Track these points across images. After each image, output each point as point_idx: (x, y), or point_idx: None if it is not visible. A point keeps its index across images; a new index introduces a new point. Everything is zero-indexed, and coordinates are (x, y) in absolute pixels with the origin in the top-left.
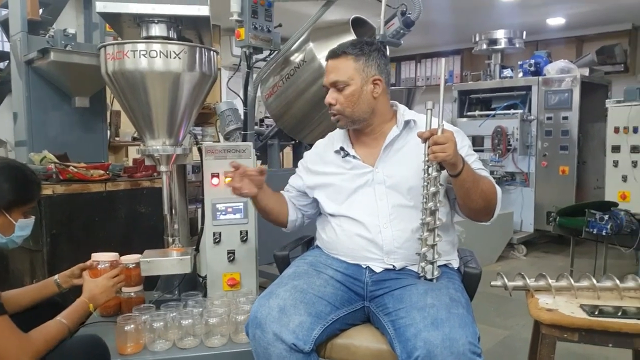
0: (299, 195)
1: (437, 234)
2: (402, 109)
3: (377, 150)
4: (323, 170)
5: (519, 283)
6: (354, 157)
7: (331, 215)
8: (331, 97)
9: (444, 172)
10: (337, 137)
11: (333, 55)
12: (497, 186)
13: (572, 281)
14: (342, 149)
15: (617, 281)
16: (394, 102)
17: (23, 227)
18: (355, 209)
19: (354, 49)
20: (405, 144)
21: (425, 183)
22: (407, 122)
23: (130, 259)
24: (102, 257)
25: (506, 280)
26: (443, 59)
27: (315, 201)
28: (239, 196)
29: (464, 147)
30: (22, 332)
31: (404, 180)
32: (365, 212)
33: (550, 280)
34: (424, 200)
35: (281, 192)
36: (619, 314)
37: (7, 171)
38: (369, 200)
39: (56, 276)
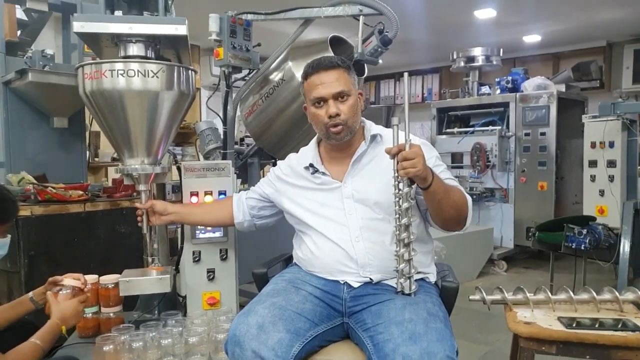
0: (261, 201)
1: (412, 248)
2: (368, 124)
3: (345, 167)
4: (295, 182)
5: (497, 297)
6: (322, 173)
7: (306, 227)
8: (336, 107)
9: (414, 186)
10: (306, 154)
11: (329, 66)
12: (467, 195)
13: (549, 294)
14: (311, 165)
15: (594, 293)
16: (361, 118)
17: (0, 246)
18: (326, 224)
19: (343, 63)
20: (373, 159)
21: (397, 199)
22: (373, 137)
23: (109, 279)
24: (71, 282)
25: (484, 294)
26: (406, 74)
27: (275, 211)
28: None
29: (432, 158)
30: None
31: (371, 194)
32: (336, 226)
33: (528, 294)
34: (397, 216)
35: (232, 195)
36: (596, 325)
37: None
38: (338, 215)
39: (31, 293)
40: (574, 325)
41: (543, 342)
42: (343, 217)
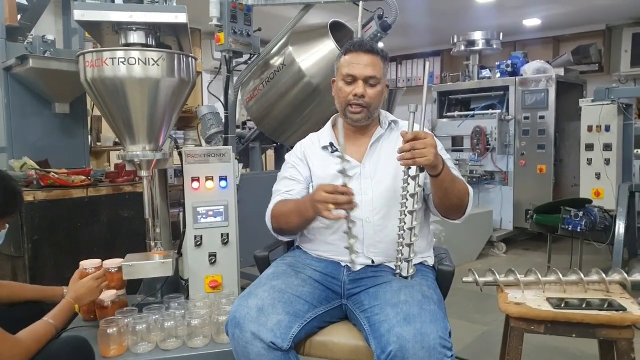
0: (307, 187)
1: (415, 233)
2: (384, 112)
3: (363, 149)
4: (315, 162)
5: (490, 279)
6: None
7: None
8: (364, 89)
9: (423, 173)
10: (323, 135)
11: (367, 49)
12: (469, 187)
13: (539, 276)
14: (331, 144)
15: (582, 275)
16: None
17: (1, 236)
18: None
19: (382, 52)
20: (390, 144)
21: (406, 184)
22: (390, 123)
23: (113, 263)
24: (89, 264)
25: (477, 276)
26: (427, 63)
27: None
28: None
29: (437, 147)
30: (10, 334)
31: (387, 177)
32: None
33: (519, 276)
34: (404, 200)
35: (282, 198)
36: (583, 305)
37: None
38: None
39: (66, 288)
40: (562, 305)
41: (532, 322)
42: (358, 197)
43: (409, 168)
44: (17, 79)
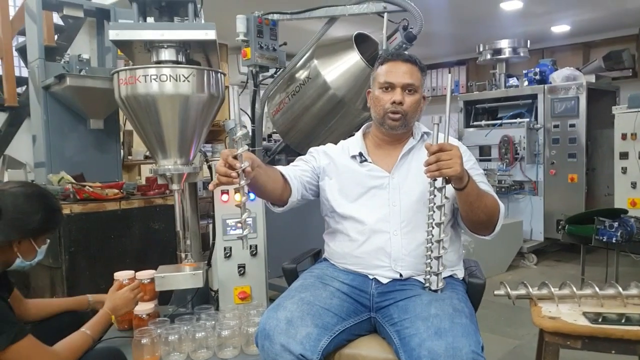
0: (312, 172)
1: (443, 246)
2: (417, 124)
3: (393, 159)
4: (337, 169)
5: (522, 292)
6: (370, 162)
7: (341, 218)
8: (402, 97)
9: (449, 185)
10: (352, 144)
11: (405, 59)
12: (500, 203)
13: (574, 289)
14: (360, 154)
15: (620, 288)
16: None
17: (42, 252)
18: (365, 211)
19: (420, 63)
20: (421, 155)
21: (432, 196)
22: (422, 134)
23: (145, 274)
24: (123, 275)
25: (509, 289)
26: (449, 74)
27: (315, 193)
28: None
29: (470, 162)
30: (48, 346)
31: (416, 189)
32: (376, 215)
33: (552, 289)
34: (431, 212)
35: (278, 168)
36: (622, 321)
37: (38, 200)
38: (381, 204)
39: (90, 296)
40: (599, 320)
41: (568, 337)
42: (386, 207)
43: (435, 179)
44: (54, 97)
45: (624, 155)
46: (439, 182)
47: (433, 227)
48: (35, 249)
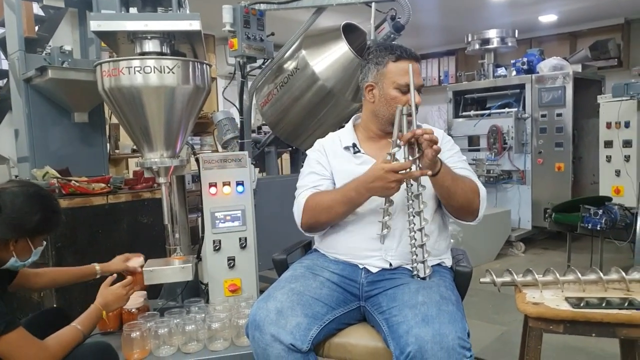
0: (333, 183)
1: (425, 233)
2: None
3: (384, 152)
4: (335, 161)
5: (507, 279)
6: (364, 153)
7: None
8: (419, 97)
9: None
10: (344, 136)
11: (417, 57)
12: (481, 186)
13: (557, 275)
14: (354, 145)
15: (601, 274)
16: None
17: (37, 252)
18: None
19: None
20: None
21: (409, 185)
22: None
23: (137, 262)
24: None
25: (494, 276)
26: (410, 65)
27: None
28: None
29: (452, 150)
30: (38, 339)
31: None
32: (368, 206)
33: (536, 275)
34: (410, 202)
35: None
36: (603, 304)
37: (38, 201)
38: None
39: (98, 265)
40: (581, 304)
41: (551, 321)
42: (379, 199)
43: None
44: (36, 89)
45: (609, 144)
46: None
47: (414, 216)
48: (31, 249)
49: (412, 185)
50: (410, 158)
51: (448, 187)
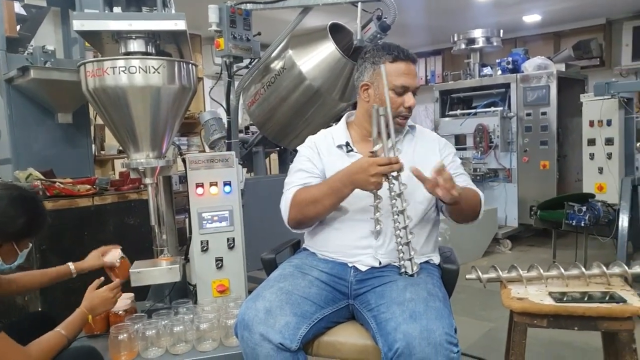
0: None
1: (410, 231)
2: None
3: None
4: (327, 159)
5: (492, 275)
6: (357, 152)
7: None
8: (414, 100)
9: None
10: (337, 134)
11: (413, 59)
12: (480, 193)
13: (541, 271)
14: (347, 144)
15: (583, 269)
16: None
17: (22, 255)
18: (350, 199)
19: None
20: (405, 149)
21: (391, 185)
22: (407, 129)
23: (114, 255)
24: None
25: (480, 273)
26: (382, 66)
27: None
28: None
29: (450, 155)
30: (21, 345)
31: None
32: (359, 204)
33: (521, 271)
34: (393, 201)
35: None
36: (585, 298)
37: (23, 204)
38: (365, 194)
39: (72, 264)
40: (563, 299)
41: (535, 316)
42: (370, 198)
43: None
44: (18, 90)
45: (592, 142)
46: (393, 172)
47: (397, 215)
48: (17, 252)
49: (393, 184)
50: (392, 155)
51: (462, 209)
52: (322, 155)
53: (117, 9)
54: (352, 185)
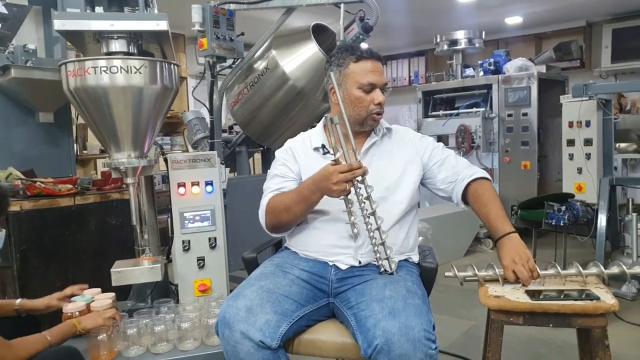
0: (298, 184)
1: (382, 231)
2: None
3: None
4: (304, 161)
5: (469, 273)
6: (332, 155)
7: None
8: (383, 96)
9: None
10: (314, 136)
11: (378, 57)
12: (480, 171)
13: None
14: (323, 146)
15: (559, 268)
16: None
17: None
18: (330, 202)
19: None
20: (382, 151)
21: (358, 189)
22: (384, 131)
23: (103, 302)
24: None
25: (456, 270)
26: (331, 73)
27: None
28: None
29: (437, 148)
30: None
31: (378, 183)
32: (338, 206)
33: (497, 270)
34: (362, 204)
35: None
36: (561, 297)
37: None
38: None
39: (19, 300)
40: (539, 297)
41: (511, 313)
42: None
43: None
44: None
45: (571, 143)
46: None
47: (369, 217)
48: None
49: (359, 188)
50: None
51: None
52: (298, 158)
53: (99, 9)
54: (319, 192)
